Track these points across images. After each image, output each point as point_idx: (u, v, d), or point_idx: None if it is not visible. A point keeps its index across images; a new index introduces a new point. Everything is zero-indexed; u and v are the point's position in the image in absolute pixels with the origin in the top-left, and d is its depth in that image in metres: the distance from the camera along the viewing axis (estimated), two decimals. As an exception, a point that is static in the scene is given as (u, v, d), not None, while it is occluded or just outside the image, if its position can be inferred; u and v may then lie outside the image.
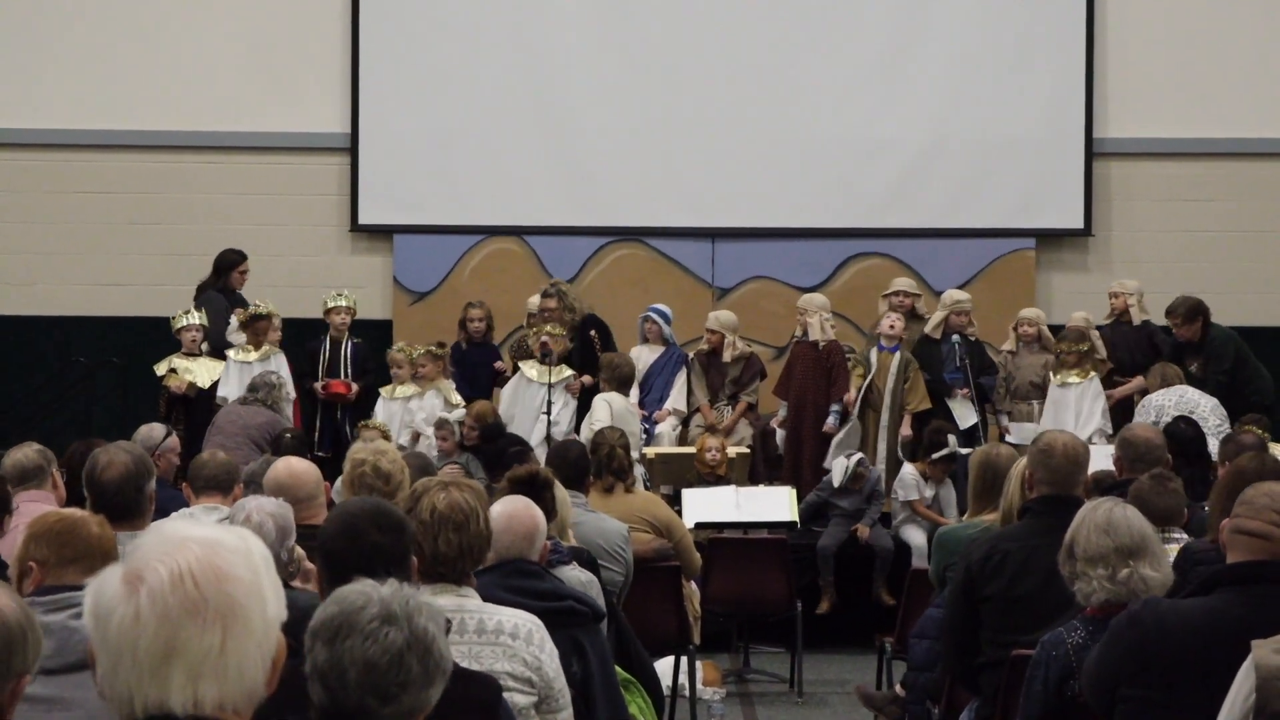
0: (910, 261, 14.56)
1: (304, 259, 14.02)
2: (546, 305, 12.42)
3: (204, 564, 2.13)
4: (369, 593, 2.81)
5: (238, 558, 2.16)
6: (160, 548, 2.14)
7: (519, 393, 12.02)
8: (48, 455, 6.61)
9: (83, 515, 4.47)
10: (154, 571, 2.11)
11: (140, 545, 2.16)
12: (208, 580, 2.12)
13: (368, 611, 2.77)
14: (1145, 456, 7.02)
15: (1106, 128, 14.71)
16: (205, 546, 2.15)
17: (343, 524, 3.86)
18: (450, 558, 4.28)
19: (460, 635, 4.24)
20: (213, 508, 6.18)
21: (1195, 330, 12.14)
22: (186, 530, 2.18)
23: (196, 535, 2.16)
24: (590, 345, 12.43)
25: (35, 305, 14.68)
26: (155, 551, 2.14)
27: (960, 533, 6.81)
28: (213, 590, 2.11)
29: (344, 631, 2.76)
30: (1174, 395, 11.03)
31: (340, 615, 2.79)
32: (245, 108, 14.64)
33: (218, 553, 2.14)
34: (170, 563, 2.12)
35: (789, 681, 10.25)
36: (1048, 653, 4.63)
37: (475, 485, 4.53)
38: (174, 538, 2.16)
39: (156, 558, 2.13)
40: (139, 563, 2.13)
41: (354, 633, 2.75)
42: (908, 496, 11.31)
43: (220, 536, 2.17)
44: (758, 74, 14.64)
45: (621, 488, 8.31)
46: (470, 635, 4.27)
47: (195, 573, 2.12)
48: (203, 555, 2.13)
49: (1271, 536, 4.13)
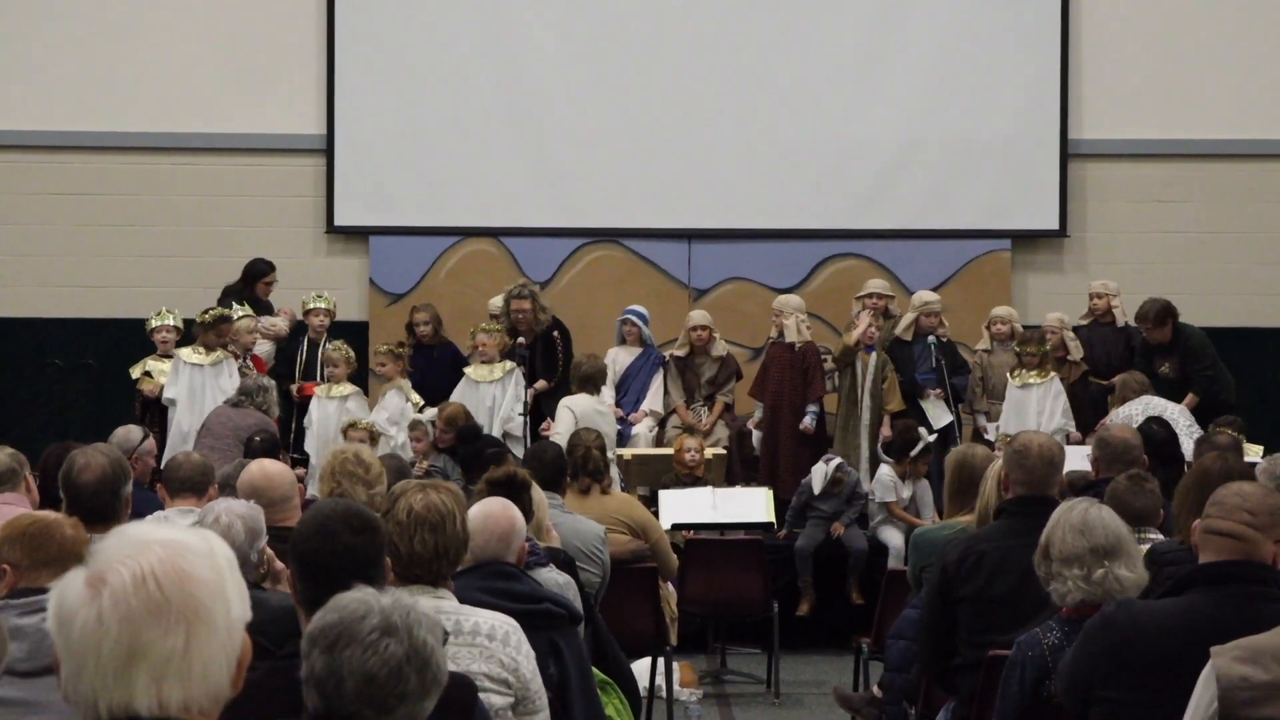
0: (886, 262, 14.58)
1: (280, 260, 13.96)
2: (521, 307, 12.40)
3: (167, 566, 2.12)
4: (370, 602, 2.81)
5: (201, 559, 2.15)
6: (123, 550, 2.14)
7: (467, 396, 11.94)
8: (20, 459, 6.56)
9: (57, 518, 4.46)
10: (116, 574, 2.11)
11: (103, 548, 2.15)
12: (171, 582, 2.11)
13: (368, 622, 2.77)
14: (1122, 457, 7.04)
15: (1082, 129, 14.75)
16: (168, 548, 2.14)
17: (315, 525, 3.85)
18: (425, 559, 4.28)
19: None
20: (187, 510, 6.16)
21: (1166, 332, 12.20)
22: (149, 532, 2.17)
23: (159, 537, 2.16)
24: (553, 347, 12.46)
25: (10, 307, 14.62)
26: (118, 554, 2.13)
27: (937, 534, 6.83)
28: (176, 592, 2.11)
29: (343, 640, 2.75)
30: (1140, 405, 11.03)
31: (340, 624, 2.78)
32: (220, 109, 14.61)
33: (181, 554, 2.14)
34: (133, 565, 2.11)
35: (766, 682, 10.26)
36: (1024, 653, 4.64)
37: (453, 488, 4.53)
38: (137, 540, 2.15)
39: (119, 560, 2.12)
40: (101, 565, 2.13)
41: (354, 642, 2.74)
42: (884, 498, 11.34)
43: (183, 538, 2.17)
44: (734, 75, 14.65)
45: (598, 489, 8.31)
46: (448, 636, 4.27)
47: (158, 574, 2.11)
48: (166, 557, 2.13)
49: (1244, 536, 4.14)
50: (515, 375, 12.02)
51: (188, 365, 11.91)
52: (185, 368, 11.90)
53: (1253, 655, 3.49)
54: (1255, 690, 3.45)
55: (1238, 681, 3.45)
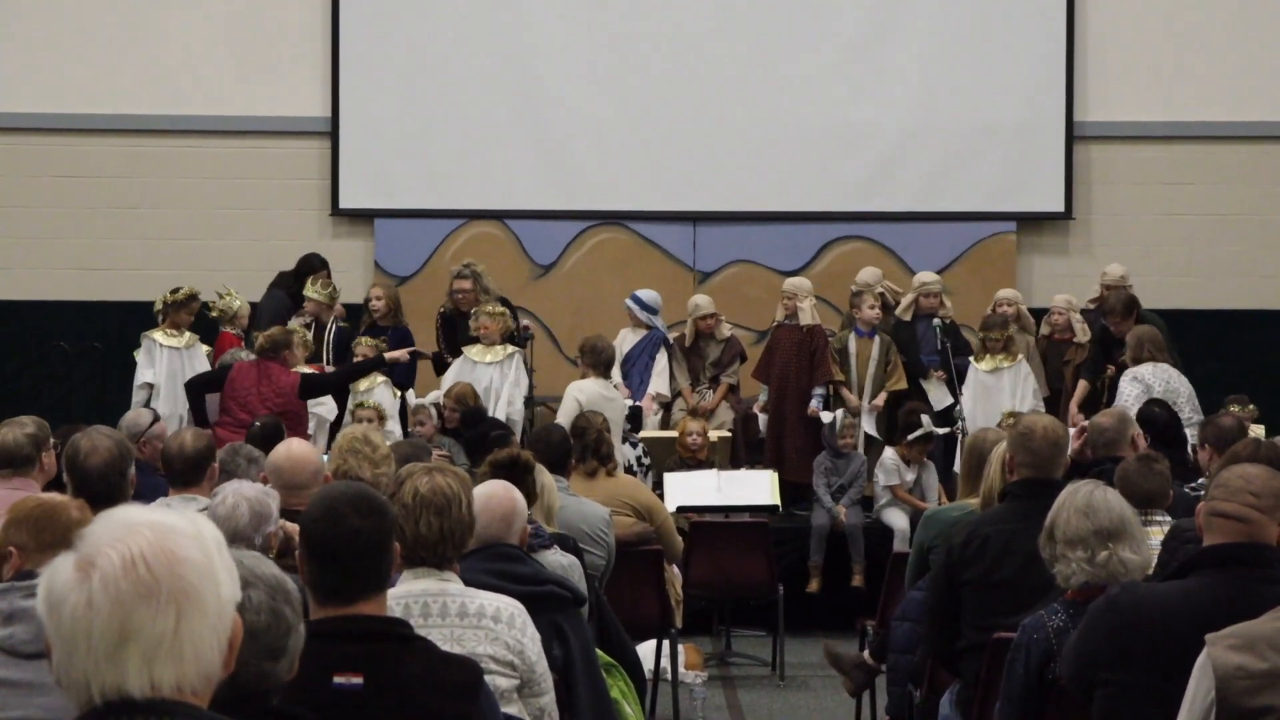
0: (891, 245, 14.57)
1: (285, 243, 13.96)
2: (461, 286, 12.31)
3: (156, 547, 2.13)
4: None
5: (189, 540, 2.16)
6: (111, 533, 2.15)
7: (464, 375, 11.77)
8: (39, 439, 6.50)
9: (62, 500, 4.47)
10: (106, 557, 2.12)
11: (91, 532, 2.16)
12: (160, 563, 2.12)
13: None
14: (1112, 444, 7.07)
15: (1087, 111, 14.73)
16: (156, 530, 2.15)
17: (324, 508, 3.86)
18: (431, 541, 4.29)
19: (442, 619, 4.26)
20: (190, 498, 6.12)
21: (1130, 324, 11.92)
22: (137, 515, 2.18)
23: (147, 519, 2.17)
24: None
25: (15, 290, 14.63)
26: (106, 537, 2.14)
27: (946, 514, 6.86)
28: (165, 573, 2.12)
29: None
30: (1161, 374, 10.93)
31: None
32: (225, 92, 14.60)
33: (169, 536, 2.15)
34: (122, 548, 2.12)
35: (771, 664, 10.28)
36: (1028, 636, 4.64)
37: (460, 472, 4.54)
38: (125, 523, 2.16)
39: (108, 543, 2.13)
40: (90, 549, 2.14)
41: None
42: (889, 481, 11.35)
43: (170, 521, 2.18)
44: (739, 58, 14.63)
45: (603, 472, 8.31)
46: (452, 619, 4.28)
47: (147, 556, 2.12)
48: (154, 539, 2.14)
49: (1247, 519, 4.14)
50: (516, 360, 11.91)
51: (164, 348, 11.68)
52: (161, 350, 11.67)
53: (1248, 643, 3.48)
54: (1253, 679, 3.45)
55: (1234, 670, 3.45)
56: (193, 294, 11.90)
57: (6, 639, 3.64)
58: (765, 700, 9.73)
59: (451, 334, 12.35)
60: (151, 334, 11.79)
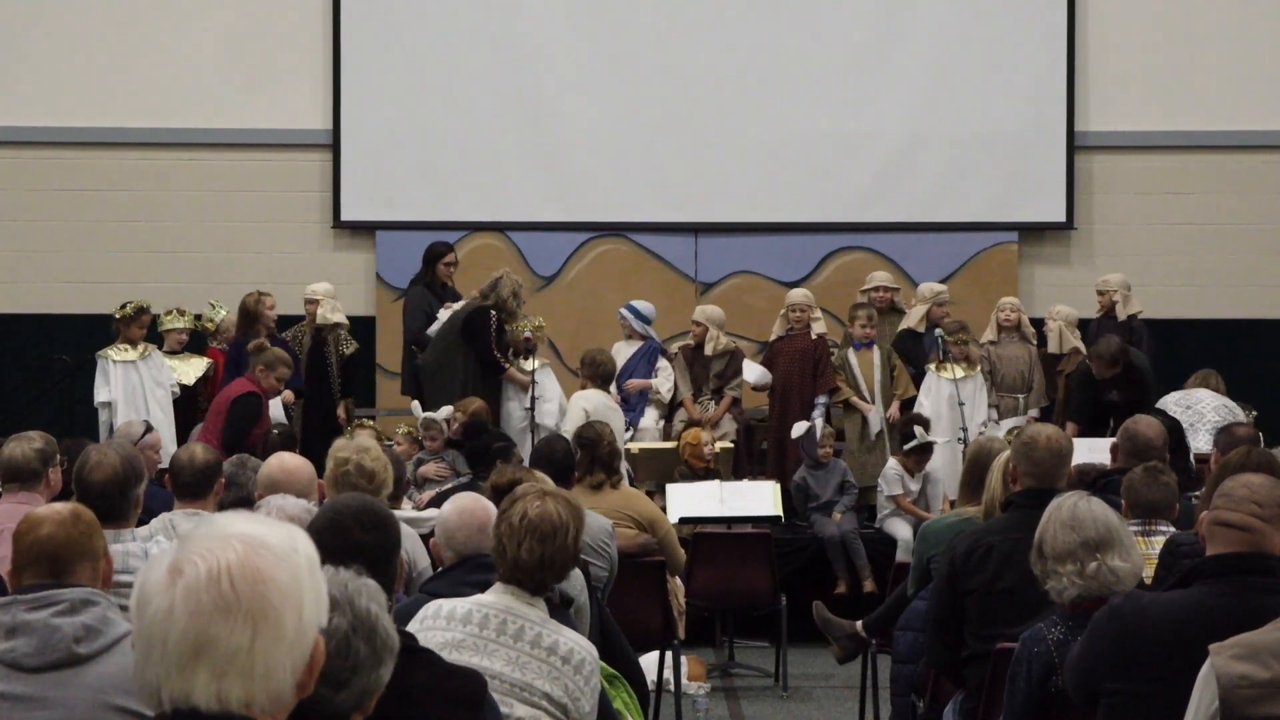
0: (892, 255, 14.58)
1: (286, 255, 13.99)
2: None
3: (243, 563, 2.13)
4: None
5: (279, 560, 2.16)
6: (204, 542, 2.16)
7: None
8: (47, 454, 6.47)
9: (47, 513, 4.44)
10: (193, 566, 2.13)
11: (190, 536, 2.18)
12: (244, 580, 2.13)
13: None
14: (1144, 451, 7.02)
15: (1088, 121, 14.74)
16: (248, 545, 2.15)
17: (328, 521, 3.86)
18: (529, 567, 4.30)
19: (514, 641, 4.25)
20: (193, 513, 6.11)
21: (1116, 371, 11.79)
22: (234, 526, 2.19)
23: (242, 532, 2.17)
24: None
25: (16, 303, 14.64)
26: (199, 545, 2.15)
27: (940, 524, 6.84)
28: (248, 590, 2.12)
29: None
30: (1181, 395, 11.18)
31: None
32: (227, 104, 14.62)
33: (259, 553, 2.15)
34: (211, 559, 2.13)
35: (774, 675, 10.27)
36: (1029, 649, 4.62)
37: (572, 499, 4.50)
38: (220, 533, 2.17)
39: (199, 552, 2.14)
40: (183, 555, 2.15)
41: None
42: (891, 491, 11.35)
43: (266, 536, 2.18)
44: (740, 69, 14.65)
45: (608, 484, 8.30)
46: (523, 645, 4.26)
47: (233, 571, 2.13)
48: (244, 554, 2.14)
49: (1251, 528, 4.13)
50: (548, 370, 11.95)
51: (119, 364, 11.62)
52: (115, 367, 11.61)
53: (1251, 652, 3.48)
54: (1257, 688, 3.44)
55: (1238, 680, 3.44)
56: (141, 307, 11.86)
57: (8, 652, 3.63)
58: (768, 711, 9.72)
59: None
60: (105, 352, 11.76)
